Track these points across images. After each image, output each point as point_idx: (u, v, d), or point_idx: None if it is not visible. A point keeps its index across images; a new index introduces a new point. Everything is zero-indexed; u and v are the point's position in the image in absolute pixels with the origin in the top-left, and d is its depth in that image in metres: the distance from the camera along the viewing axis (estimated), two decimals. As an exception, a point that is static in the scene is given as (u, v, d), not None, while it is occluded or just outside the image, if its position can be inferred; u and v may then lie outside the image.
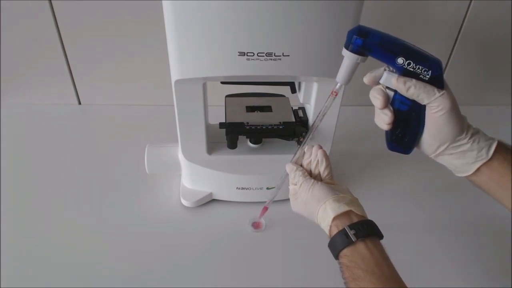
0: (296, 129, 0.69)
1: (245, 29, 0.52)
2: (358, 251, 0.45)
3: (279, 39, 0.53)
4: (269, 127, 0.69)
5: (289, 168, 0.57)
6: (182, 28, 0.52)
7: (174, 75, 0.58)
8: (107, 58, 0.94)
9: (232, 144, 0.72)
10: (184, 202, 0.73)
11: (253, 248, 0.67)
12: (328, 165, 0.55)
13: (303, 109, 0.73)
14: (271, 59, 0.54)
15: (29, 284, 0.60)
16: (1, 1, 0.84)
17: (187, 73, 0.57)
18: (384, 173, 0.84)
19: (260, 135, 0.73)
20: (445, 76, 0.44)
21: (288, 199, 0.56)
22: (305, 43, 0.54)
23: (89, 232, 0.68)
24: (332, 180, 0.55)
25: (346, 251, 0.45)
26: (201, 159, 0.71)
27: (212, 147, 0.72)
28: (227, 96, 0.76)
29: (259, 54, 0.54)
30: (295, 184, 0.55)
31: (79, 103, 1.02)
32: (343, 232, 0.46)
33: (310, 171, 0.56)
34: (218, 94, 0.75)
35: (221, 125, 0.69)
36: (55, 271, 0.62)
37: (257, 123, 0.69)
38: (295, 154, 0.58)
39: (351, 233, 0.45)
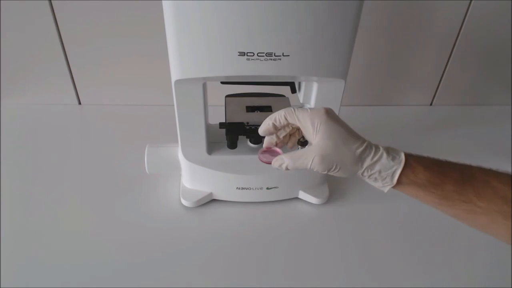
0: (296, 129, 0.69)
1: (245, 29, 0.52)
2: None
3: (279, 39, 0.53)
4: (269, 127, 0.69)
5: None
6: (182, 28, 0.52)
7: (174, 75, 0.58)
8: (107, 58, 0.94)
9: (232, 144, 0.72)
10: (184, 202, 0.73)
11: (253, 248, 0.67)
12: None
13: (303, 109, 0.73)
14: (271, 59, 0.54)
15: (29, 284, 0.60)
16: (1, 2, 0.84)
17: (187, 73, 0.57)
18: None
19: (260, 135, 0.73)
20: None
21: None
22: (305, 43, 0.54)
23: (89, 232, 0.68)
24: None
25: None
26: (201, 159, 0.71)
27: (212, 147, 0.72)
28: (227, 96, 0.76)
29: (259, 54, 0.54)
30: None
31: (79, 103, 1.03)
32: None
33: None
34: (218, 94, 0.75)
35: (221, 125, 0.69)
36: (54, 271, 0.62)
37: (257, 123, 0.69)
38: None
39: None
